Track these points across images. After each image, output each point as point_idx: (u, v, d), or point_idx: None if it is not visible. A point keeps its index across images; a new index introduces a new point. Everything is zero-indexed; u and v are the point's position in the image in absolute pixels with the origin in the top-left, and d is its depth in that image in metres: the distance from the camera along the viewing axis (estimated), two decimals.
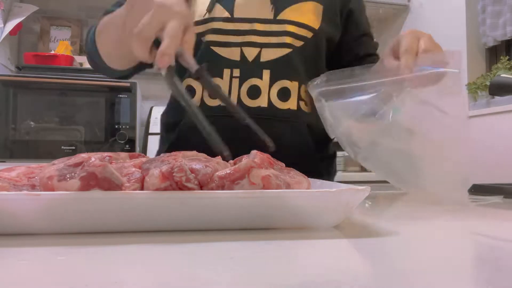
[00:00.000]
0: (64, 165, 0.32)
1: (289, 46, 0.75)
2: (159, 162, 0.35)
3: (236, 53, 0.74)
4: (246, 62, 0.74)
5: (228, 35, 0.75)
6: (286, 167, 0.42)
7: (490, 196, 0.65)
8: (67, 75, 1.80)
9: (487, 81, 1.85)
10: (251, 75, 0.74)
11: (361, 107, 0.57)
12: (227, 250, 0.28)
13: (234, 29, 0.75)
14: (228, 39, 0.74)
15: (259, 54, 0.74)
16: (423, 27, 2.32)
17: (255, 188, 0.34)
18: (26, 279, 0.22)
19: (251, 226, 0.35)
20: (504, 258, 0.28)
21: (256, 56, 0.74)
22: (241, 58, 0.74)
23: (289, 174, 0.39)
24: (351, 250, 0.30)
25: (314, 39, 0.77)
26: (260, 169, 0.35)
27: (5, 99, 1.72)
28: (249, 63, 0.74)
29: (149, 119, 2.07)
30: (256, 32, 0.75)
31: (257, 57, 0.74)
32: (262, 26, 0.75)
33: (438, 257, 0.28)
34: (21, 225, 0.31)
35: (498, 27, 1.87)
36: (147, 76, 2.42)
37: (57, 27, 2.33)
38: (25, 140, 1.73)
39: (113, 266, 0.25)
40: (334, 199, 0.35)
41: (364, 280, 0.23)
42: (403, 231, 0.37)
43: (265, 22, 0.75)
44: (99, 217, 0.32)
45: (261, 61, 0.74)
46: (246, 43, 0.74)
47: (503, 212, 0.52)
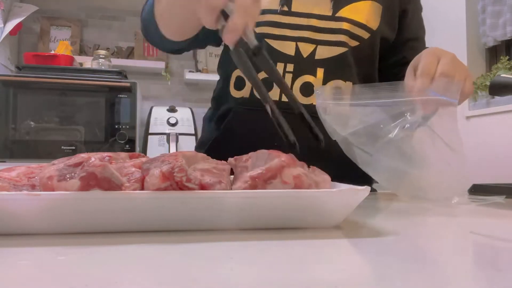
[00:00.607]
0: (64, 165, 0.32)
1: (344, 45, 0.73)
2: (159, 162, 0.35)
3: (291, 47, 0.73)
4: (301, 58, 0.73)
5: (283, 29, 0.73)
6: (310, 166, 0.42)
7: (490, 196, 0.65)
8: (67, 75, 1.80)
9: (487, 81, 1.85)
10: (305, 71, 0.72)
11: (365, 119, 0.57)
12: (227, 250, 0.28)
13: (290, 23, 0.73)
14: (283, 32, 0.73)
15: (314, 50, 0.73)
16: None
17: (287, 188, 0.35)
18: (26, 279, 0.22)
19: (251, 226, 0.35)
20: (504, 258, 0.28)
21: (311, 53, 0.73)
22: (295, 54, 0.73)
23: (314, 173, 0.39)
24: (351, 250, 0.30)
25: (370, 40, 0.75)
26: (291, 168, 0.36)
27: (5, 99, 1.72)
28: (304, 59, 0.73)
29: (149, 119, 2.07)
30: (312, 28, 0.73)
31: (312, 54, 0.73)
32: (319, 23, 0.73)
33: (438, 257, 0.28)
34: (21, 225, 0.31)
35: (498, 27, 1.87)
36: (147, 76, 2.42)
37: (57, 27, 2.33)
38: (25, 140, 1.73)
39: (113, 266, 0.25)
40: (334, 199, 0.35)
41: (364, 280, 0.23)
42: (403, 231, 0.37)
43: (322, 18, 0.73)
44: (99, 217, 0.32)
45: (316, 58, 0.73)
46: (301, 38, 0.73)
47: (503, 212, 0.52)
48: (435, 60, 0.58)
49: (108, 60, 2.00)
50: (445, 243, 0.33)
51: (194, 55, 2.52)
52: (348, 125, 0.58)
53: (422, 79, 0.56)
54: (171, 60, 2.51)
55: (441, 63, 0.57)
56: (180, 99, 2.50)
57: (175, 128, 2.05)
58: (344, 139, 0.58)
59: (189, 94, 2.52)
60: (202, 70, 2.47)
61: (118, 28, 2.45)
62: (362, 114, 0.57)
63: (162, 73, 2.40)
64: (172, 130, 2.04)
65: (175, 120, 2.07)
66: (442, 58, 0.58)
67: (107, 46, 2.40)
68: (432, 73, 0.57)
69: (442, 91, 0.55)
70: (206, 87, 2.52)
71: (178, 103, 2.35)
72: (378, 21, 0.76)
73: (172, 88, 2.50)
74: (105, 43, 2.41)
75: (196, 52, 2.50)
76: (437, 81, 0.56)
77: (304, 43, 0.73)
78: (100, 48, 2.32)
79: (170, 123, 2.05)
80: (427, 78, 0.56)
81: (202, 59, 2.51)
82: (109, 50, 2.37)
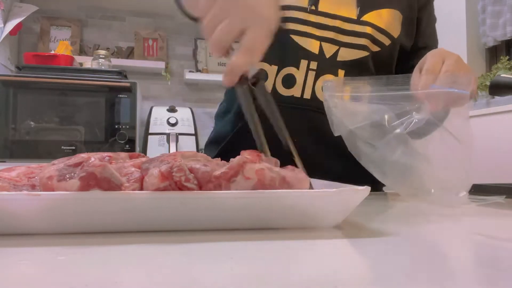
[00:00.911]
0: (64, 165, 0.32)
1: (366, 49, 0.74)
2: (158, 162, 0.35)
3: (316, 46, 0.73)
4: (324, 57, 0.73)
5: (309, 26, 0.73)
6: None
7: (491, 196, 0.65)
8: (67, 75, 1.80)
9: (487, 81, 1.85)
10: (327, 71, 0.73)
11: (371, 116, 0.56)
12: (227, 250, 0.28)
13: (316, 22, 0.73)
14: (308, 30, 0.73)
15: (336, 52, 0.73)
16: None
17: (250, 183, 0.34)
18: (26, 279, 0.22)
19: (251, 226, 0.35)
20: (504, 258, 0.28)
21: (334, 54, 0.73)
22: (319, 52, 0.73)
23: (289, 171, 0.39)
24: (351, 250, 0.30)
25: (390, 47, 0.76)
26: (253, 163, 0.35)
27: (5, 99, 1.72)
28: (326, 60, 0.73)
29: (149, 119, 2.07)
30: (336, 29, 0.73)
31: (335, 55, 0.73)
32: (343, 24, 0.74)
33: (438, 257, 0.28)
34: (21, 225, 0.31)
35: (498, 27, 1.87)
36: (147, 76, 2.42)
37: (57, 27, 2.33)
38: (25, 140, 1.73)
39: (113, 266, 0.25)
40: (334, 199, 0.35)
41: (364, 280, 0.23)
42: (403, 231, 0.37)
43: (347, 21, 0.74)
44: (99, 217, 0.32)
45: (338, 60, 0.73)
46: (325, 39, 0.73)
47: (503, 212, 0.52)
48: (440, 60, 0.58)
49: (108, 60, 2.00)
50: (445, 243, 0.33)
51: (194, 55, 2.52)
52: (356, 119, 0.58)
53: (427, 76, 0.56)
54: (171, 60, 2.52)
55: (446, 63, 0.58)
56: (180, 99, 2.50)
57: (175, 128, 2.05)
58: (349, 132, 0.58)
59: (189, 94, 2.53)
60: (202, 70, 2.47)
61: (118, 28, 2.45)
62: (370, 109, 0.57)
63: (162, 73, 2.40)
64: (172, 130, 2.04)
65: (175, 120, 2.07)
66: (447, 59, 0.58)
67: (107, 46, 2.40)
68: (437, 72, 0.57)
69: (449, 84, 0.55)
70: (206, 87, 2.53)
71: (178, 103, 2.35)
72: (399, 30, 0.77)
73: (172, 88, 2.50)
74: (105, 43, 2.42)
75: (196, 52, 2.50)
76: (442, 77, 0.56)
77: (327, 44, 0.73)
78: (100, 48, 2.32)
79: (170, 123, 2.05)
80: (431, 75, 0.56)
81: (202, 59, 2.51)
82: (109, 50, 2.37)
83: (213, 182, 0.34)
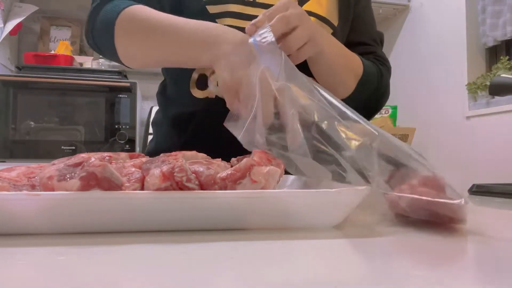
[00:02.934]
0: (64, 165, 0.32)
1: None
2: (159, 162, 0.35)
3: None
4: None
5: (247, 21, 0.66)
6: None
7: (490, 196, 0.65)
8: (67, 75, 1.80)
9: (487, 81, 1.85)
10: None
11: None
12: (227, 250, 0.28)
13: (253, 15, 0.67)
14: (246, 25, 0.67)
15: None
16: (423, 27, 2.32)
17: (257, 186, 0.34)
18: (26, 279, 0.22)
19: (251, 226, 0.35)
20: (504, 258, 0.28)
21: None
22: None
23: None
24: (351, 250, 0.30)
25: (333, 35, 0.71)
26: (260, 166, 0.35)
27: (5, 99, 1.72)
28: None
29: (149, 119, 2.07)
30: None
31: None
32: None
33: (438, 257, 0.28)
34: (21, 225, 0.31)
35: (498, 27, 1.86)
36: (147, 76, 2.42)
37: (57, 27, 2.33)
38: (25, 140, 1.73)
39: (113, 266, 0.25)
40: (334, 199, 0.35)
41: (365, 280, 0.23)
42: (403, 231, 0.37)
43: None
44: (99, 217, 0.32)
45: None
46: None
47: (503, 212, 0.52)
48: (283, 8, 0.54)
49: (108, 60, 2.00)
50: (444, 243, 0.33)
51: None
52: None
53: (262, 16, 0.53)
54: None
55: (289, 11, 0.53)
56: None
57: None
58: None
59: None
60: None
61: None
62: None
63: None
64: None
65: None
66: (290, 8, 0.54)
67: None
68: (273, 17, 0.53)
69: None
70: None
71: None
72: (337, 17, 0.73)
73: None
74: None
75: None
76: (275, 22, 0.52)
77: None
78: None
79: None
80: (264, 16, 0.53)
81: None
82: None
83: (218, 184, 0.34)
